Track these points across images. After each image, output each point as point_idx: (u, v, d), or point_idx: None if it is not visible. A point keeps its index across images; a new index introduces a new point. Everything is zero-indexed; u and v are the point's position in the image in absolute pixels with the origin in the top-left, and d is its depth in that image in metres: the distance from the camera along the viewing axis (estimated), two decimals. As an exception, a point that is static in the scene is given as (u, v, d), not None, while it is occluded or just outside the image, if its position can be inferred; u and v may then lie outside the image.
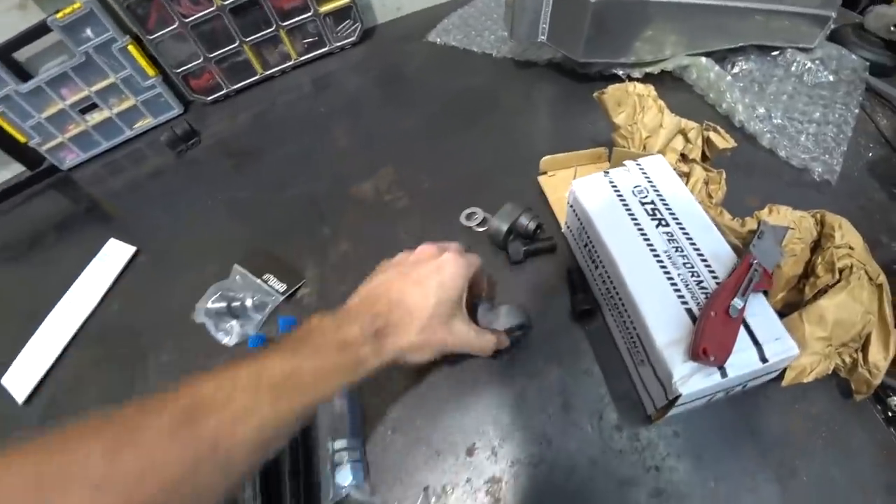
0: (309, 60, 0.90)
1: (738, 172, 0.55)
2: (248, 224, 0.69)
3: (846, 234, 0.44)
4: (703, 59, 0.66)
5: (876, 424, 0.42)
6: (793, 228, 0.46)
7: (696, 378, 0.37)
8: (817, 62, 0.69)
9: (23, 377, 0.64)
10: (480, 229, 0.60)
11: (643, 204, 0.47)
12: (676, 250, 0.43)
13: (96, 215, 0.82)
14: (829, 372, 0.41)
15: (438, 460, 0.45)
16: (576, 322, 0.51)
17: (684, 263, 0.43)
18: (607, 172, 0.50)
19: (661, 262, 0.43)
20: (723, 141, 0.53)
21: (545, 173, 0.62)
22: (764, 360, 0.37)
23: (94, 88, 0.82)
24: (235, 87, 0.88)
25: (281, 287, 0.60)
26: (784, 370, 0.41)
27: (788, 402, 0.44)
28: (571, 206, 0.51)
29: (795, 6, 0.67)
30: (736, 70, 0.68)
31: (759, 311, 0.39)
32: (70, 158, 0.87)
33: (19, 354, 0.66)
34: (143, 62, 0.81)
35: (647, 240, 0.44)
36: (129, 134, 0.88)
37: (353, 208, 0.67)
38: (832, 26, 0.71)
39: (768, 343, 0.37)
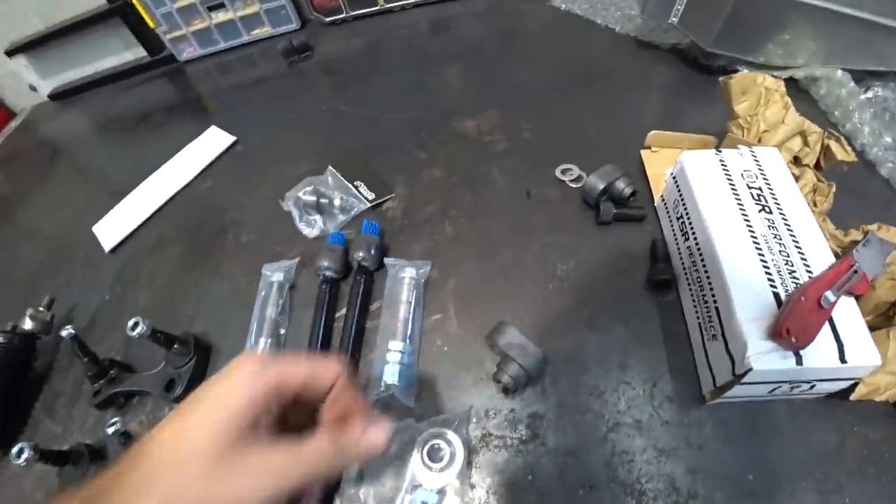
0: (430, 2, 0.94)
1: (847, 193, 0.54)
2: (349, 136, 0.74)
3: None
4: (839, 73, 0.65)
5: None
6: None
7: (771, 357, 0.37)
8: None
9: (113, 229, 0.72)
10: (574, 185, 0.62)
11: (750, 188, 0.48)
12: (775, 237, 0.44)
13: (202, 105, 0.90)
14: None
15: (486, 386, 0.48)
16: (650, 291, 0.53)
17: (780, 251, 0.44)
18: (720, 151, 0.51)
19: (757, 244, 0.44)
20: (843, 153, 0.52)
21: (648, 148, 0.64)
22: (843, 360, 0.37)
23: None
24: (355, 13, 0.93)
25: (370, 195, 0.65)
26: (855, 384, 0.41)
27: (849, 421, 0.43)
28: (674, 177, 0.53)
29: None
30: (870, 94, 0.66)
31: (849, 314, 0.39)
32: (188, 51, 0.95)
33: (113, 209, 0.74)
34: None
35: (748, 221, 0.46)
36: (245, 38, 0.95)
37: (452, 141, 0.71)
38: None
39: (851, 346, 0.38)
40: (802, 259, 0.43)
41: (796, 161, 0.55)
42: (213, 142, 0.80)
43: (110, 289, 0.64)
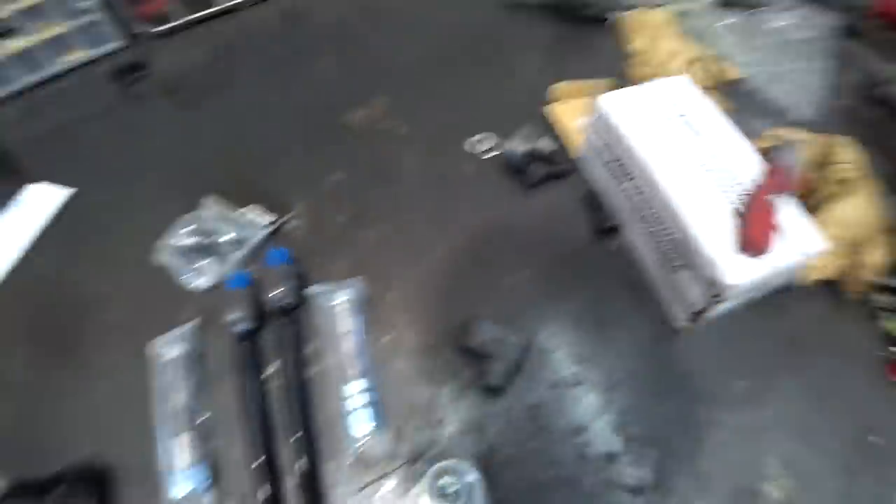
0: (276, -7, 0.83)
1: (737, 108, 0.58)
2: (222, 158, 0.62)
3: (846, 152, 0.47)
4: (706, 3, 0.68)
5: (863, 321, 0.46)
6: (805, 141, 0.48)
7: (745, 268, 0.37)
8: (792, 20, 0.74)
9: None
10: (489, 155, 0.58)
11: (679, 115, 0.47)
12: (712, 156, 0.44)
13: (10, 161, 0.70)
14: (843, 270, 0.44)
15: (470, 395, 0.43)
16: (598, 240, 0.51)
17: (719, 168, 0.43)
18: (636, 87, 0.50)
19: (697, 167, 0.43)
20: (734, 72, 0.55)
21: (555, 102, 0.61)
22: (798, 252, 0.38)
23: (14, 7, 0.69)
24: (188, 18, 0.79)
25: (266, 218, 0.54)
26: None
27: (793, 306, 0.47)
28: (595, 125, 0.51)
29: None
30: (724, 22, 0.71)
31: (791, 212, 0.41)
32: None
33: None
34: (80, -21, 0.71)
35: (682, 149, 0.45)
36: (55, 69, 0.76)
37: (346, 137, 0.62)
38: None
39: (800, 239, 0.39)
40: (739, 170, 0.43)
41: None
42: (40, 203, 0.63)
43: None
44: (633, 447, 0.40)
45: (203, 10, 0.79)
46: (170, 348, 0.45)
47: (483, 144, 0.59)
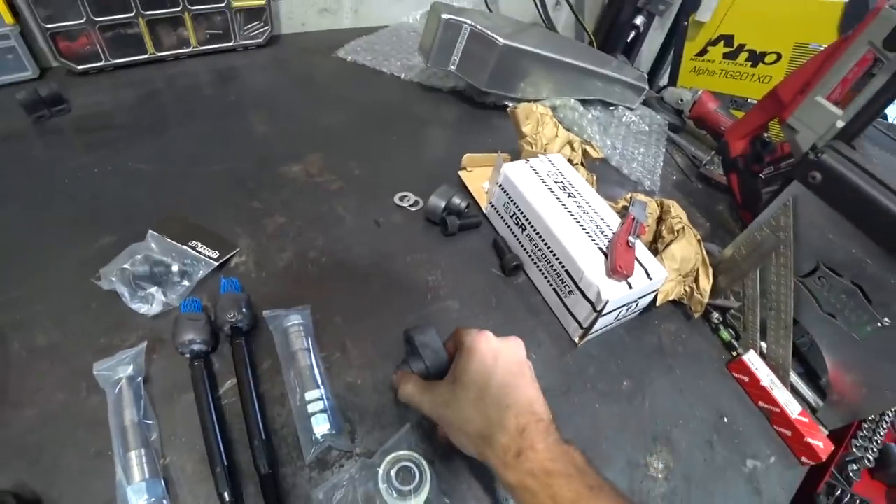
0: (208, 52, 0.91)
1: (600, 179, 0.81)
2: (156, 196, 0.65)
3: (677, 210, 0.69)
4: (572, 100, 0.93)
5: (707, 333, 0.68)
6: (649, 202, 0.70)
7: (615, 288, 0.54)
8: (637, 117, 1.07)
9: None
10: (413, 209, 0.71)
11: (556, 182, 0.66)
12: (584, 212, 0.63)
13: None
14: (681, 295, 0.64)
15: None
16: (506, 276, 0.66)
17: (590, 220, 0.62)
18: (528, 160, 0.68)
19: (575, 218, 0.61)
20: (595, 152, 0.77)
21: (464, 169, 0.78)
22: (650, 277, 0.57)
23: None
24: (117, 61, 0.83)
25: (213, 253, 0.60)
26: (655, 298, 0.62)
27: (656, 325, 0.66)
28: (500, 185, 0.67)
29: (622, 75, 1.03)
30: (589, 115, 0.98)
31: (641, 251, 0.60)
32: None
33: None
34: (1, 5, 0.72)
35: (564, 205, 0.63)
36: None
37: (285, 186, 0.71)
38: (645, 96, 1.11)
39: (650, 268, 0.58)
40: (604, 221, 0.62)
41: (570, 162, 0.77)
42: None
43: None
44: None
45: (131, 55, 0.84)
46: (120, 368, 0.47)
47: (409, 199, 0.72)
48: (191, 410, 0.47)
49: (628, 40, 1.27)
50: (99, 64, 0.82)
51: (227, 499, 0.42)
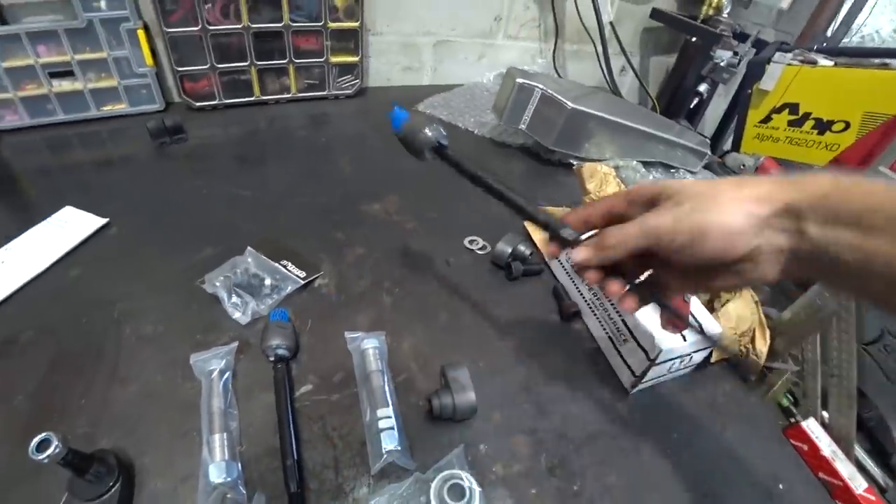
0: (305, 98, 1.06)
1: None
2: (253, 219, 0.76)
3: None
4: (634, 162, 1.01)
5: (763, 395, 0.68)
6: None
7: (670, 340, 0.58)
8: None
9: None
10: (481, 252, 0.79)
11: (619, 239, 0.72)
12: (644, 270, 0.68)
13: (35, 183, 0.80)
14: (737, 355, 0.67)
15: (469, 425, 0.56)
16: (563, 322, 0.71)
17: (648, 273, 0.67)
18: (593, 216, 0.75)
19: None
20: (656, 215, 0.83)
21: (530, 220, 0.86)
22: (705, 333, 0.60)
23: (80, 57, 0.84)
24: (228, 101, 0.99)
25: (300, 273, 0.69)
26: (710, 355, 0.65)
27: (710, 382, 0.68)
28: (565, 237, 0.74)
29: (683, 140, 1.10)
30: (651, 177, 1.04)
31: (697, 306, 0.63)
32: (9, 119, 0.84)
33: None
34: (145, 49, 0.88)
35: (626, 261, 0.69)
36: (92, 113, 0.89)
37: (365, 222, 0.80)
38: (707, 161, 1.16)
39: (705, 325, 0.61)
40: (663, 283, 0.67)
41: (630, 223, 0.83)
42: (72, 224, 0.71)
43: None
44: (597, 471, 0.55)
45: (241, 97, 0.99)
46: (213, 362, 0.55)
47: (477, 243, 0.80)
48: (266, 408, 0.53)
49: (691, 106, 1.35)
50: (213, 102, 0.97)
51: (293, 489, 0.47)
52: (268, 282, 0.66)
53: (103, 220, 0.72)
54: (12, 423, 0.50)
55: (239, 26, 0.92)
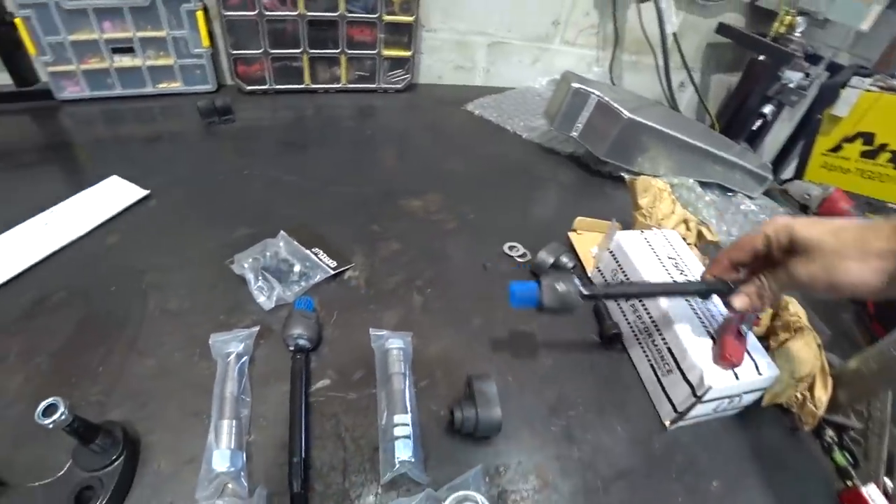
0: (354, 90, 1.05)
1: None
2: (291, 204, 0.75)
3: (796, 307, 0.67)
4: (690, 181, 0.95)
5: (817, 451, 0.60)
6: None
7: (720, 377, 0.52)
8: (757, 206, 1.03)
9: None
10: (520, 259, 0.75)
11: (669, 258, 0.67)
12: (697, 293, 0.63)
13: (88, 151, 0.82)
14: (792, 401, 0.60)
15: (492, 443, 0.52)
16: (602, 344, 0.66)
17: (702, 301, 0.62)
18: (642, 232, 0.70)
19: (687, 298, 0.62)
20: (711, 235, 0.77)
21: (574, 231, 0.81)
22: (759, 373, 0.55)
23: (141, 34, 0.87)
24: (278, 86, 0.99)
25: (331, 263, 0.67)
26: (761, 398, 0.59)
27: (758, 428, 0.60)
28: (611, 251, 0.69)
29: (744, 162, 1.02)
30: (707, 198, 0.98)
31: (753, 343, 0.57)
32: (71, 90, 0.87)
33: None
34: (203, 31, 0.89)
35: (674, 280, 0.64)
36: (147, 90, 0.92)
37: (403, 217, 0.78)
38: (768, 186, 1.08)
39: (760, 363, 0.55)
40: (715, 305, 0.61)
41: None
42: (116, 193, 0.72)
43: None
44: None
45: (291, 83, 1.00)
46: (231, 344, 0.53)
47: (517, 250, 0.76)
48: (280, 399, 0.51)
49: (753, 128, 1.26)
50: (264, 87, 0.98)
51: (296, 489, 0.44)
52: (297, 268, 0.64)
53: (145, 192, 0.73)
54: (31, 382, 0.50)
55: (295, 13, 0.92)
